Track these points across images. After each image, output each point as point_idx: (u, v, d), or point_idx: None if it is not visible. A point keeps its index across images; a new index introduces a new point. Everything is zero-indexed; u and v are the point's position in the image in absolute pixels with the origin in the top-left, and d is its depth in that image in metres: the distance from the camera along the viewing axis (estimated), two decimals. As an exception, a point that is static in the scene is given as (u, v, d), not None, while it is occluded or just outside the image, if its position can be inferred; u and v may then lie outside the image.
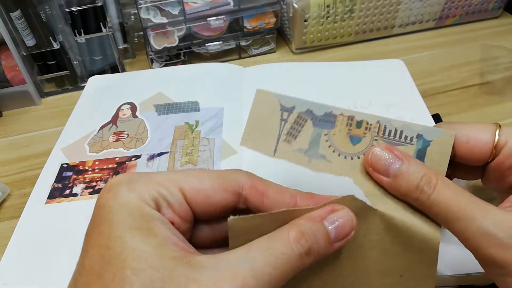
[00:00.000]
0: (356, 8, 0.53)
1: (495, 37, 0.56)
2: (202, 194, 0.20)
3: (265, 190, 0.22)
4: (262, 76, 0.46)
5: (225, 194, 0.21)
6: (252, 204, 0.21)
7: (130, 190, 0.19)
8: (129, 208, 0.18)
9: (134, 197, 0.19)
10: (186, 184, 0.20)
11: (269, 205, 0.21)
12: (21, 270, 0.29)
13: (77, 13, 0.47)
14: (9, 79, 0.47)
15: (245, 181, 0.22)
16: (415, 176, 0.22)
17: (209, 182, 0.21)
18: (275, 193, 0.22)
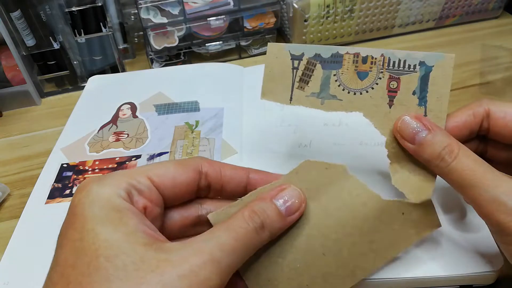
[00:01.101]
0: (356, 8, 0.53)
1: (495, 37, 0.56)
2: (168, 177, 0.22)
3: (221, 167, 0.24)
4: (262, 76, 0.46)
5: (188, 173, 0.23)
6: (212, 179, 0.24)
7: (100, 186, 0.20)
8: (101, 202, 0.20)
9: (104, 191, 0.20)
10: (152, 172, 0.22)
11: (226, 179, 0.24)
12: (21, 270, 0.29)
13: (77, 13, 0.47)
14: (9, 79, 0.47)
15: (203, 160, 0.24)
16: (439, 145, 0.24)
17: (172, 166, 0.23)
18: (229, 169, 0.25)
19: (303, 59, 0.28)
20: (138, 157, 0.37)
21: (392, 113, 0.26)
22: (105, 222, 0.19)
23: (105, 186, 0.20)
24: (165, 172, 0.23)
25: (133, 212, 0.20)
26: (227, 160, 0.36)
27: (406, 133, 0.25)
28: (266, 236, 0.22)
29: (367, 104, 0.27)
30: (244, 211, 0.21)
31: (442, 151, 0.23)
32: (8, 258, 0.30)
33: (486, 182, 0.22)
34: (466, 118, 0.26)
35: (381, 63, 0.26)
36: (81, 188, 0.21)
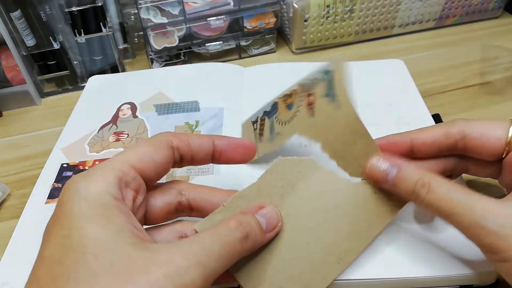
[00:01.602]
0: (356, 8, 0.53)
1: (495, 37, 0.56)
2: (148, 160, 0.23)
3: (188, 138, 0.25)
4: (262, 76, 0.46)
5: (163, 151, 0.24)
6: (183, 152, 0.25)
7: (88, 182, 0.20)
8: (89, 199, 0.20)
9: (93, 188, 0.20)
10: (133, 159, 0.23)
11: (195, 149, 0.25)
12: (21, 270, 0.29)
13: (77, 13, 0.47)
14: (9, 79, 0.47)
15: (171, 135, 0.25)
16: (410, 181, 0.24)
17: (149, 148, 0.24)
18: (196, 138, 0.26)
19: (258, 120, 0.35)
20: (138, 157, 0.37)
21: (317, 120, 0.28)
22: (94, 220, 0.19)
23: (93, 183, 0.20)
24: (144, 156, 0.23)
25: (121, 210, 0.20)
26: (227, 160, 0.36)
27: (378, 176, 0.26)
28: (249, 246, 0.22)
29: (297, 124, 0.29)
30: (230, 221, 0.22)
31: (415, 187, 0.24)
32: (8, 258, 0.30)
33: (462, 208, 0.22)
34: (436, 138, 0.27)
35: (300, 89, 0.30)
36: (69, 184, 0.21)
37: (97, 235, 0.19)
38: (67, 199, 0.20)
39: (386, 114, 0.39)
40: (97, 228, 0.19)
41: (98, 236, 0.19)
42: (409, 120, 0.38)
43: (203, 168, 0.35)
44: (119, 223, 0.19)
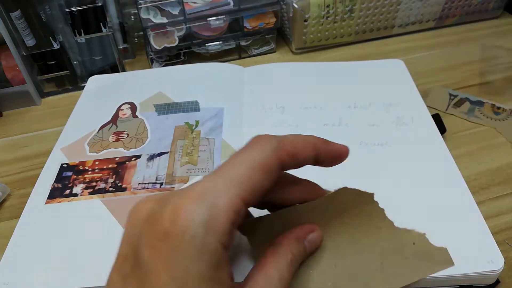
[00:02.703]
0: (356, 8, 0.53)
1: (495, 37, 0.56)
2: (258, 189, 0.20)
3: (294, 150, 0.23)
4: (262, 76, 0.46)
5: (272, 176, 0.21)
6: (287, 164, 0.22)
7: (206, 232, 0.18)
8: (205, 255, 0.18)
9: (209, 241, 0.18)
10: (247, 190, 0.20)
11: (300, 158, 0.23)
12: (21, 270, 0.29)
13: (77, 13, 0.47)
14: (9, 79, 0.47)
15: (278, 150, 0.22)
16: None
17: (260, 175, 0.20)
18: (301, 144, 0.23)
19: None
20: (138, 157, 0.37)
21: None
22: (208, 283, 0.18)
23: (210, 234, 0.18)
24: (255, 186, 0.20)
25: (227, 264, 0.19)
26: (227, 160, 0.36)
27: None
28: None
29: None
30: (287, 254, 0.23)
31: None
32: (8, 258, 0.30)
33: None
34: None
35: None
36: (185, 225, 0.18)
37: None
38: (179, 243, 0.17)
39: (386, 114, 0.39)
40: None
41: None
42: (409, 120, 0.38)
43: (203, 168, 0.35)
44: (227, 283, 0.19)
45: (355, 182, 0.32)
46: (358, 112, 0.39)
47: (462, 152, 0.38)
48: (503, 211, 0.33)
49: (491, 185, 0.35)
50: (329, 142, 0.24)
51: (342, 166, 0.34)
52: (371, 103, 0.40)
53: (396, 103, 0.40)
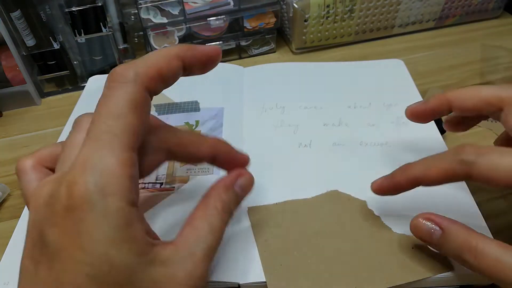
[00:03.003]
0: (356, 8, 0.53)
1: (495, 37, 0.56)
2: (137, 133, 0.20)
3: (157, 71, 0.21)
4: (262, 76, 0.46)
5: (141, 110, 0.20)
6: (161, 88, 0.22)
7: (103, 195, 0.17)
8: (109, 219, 0.17)
9: (110, 203, 0.18)
10: (127, 141, 0.19)
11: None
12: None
13: (77, 13, 0.47)
14: (9, 79, 0.47)
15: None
16: (455, 245, 0.23)
17: (130, 118, 0.19)
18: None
19: None
20: (138, 157, 0.37)
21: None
22: (117, 244, 0.17)
23: (109, 196, 0.18)
24: (132, 129, 0.19)
25: (138, 219, 0.19)
26: (227, 160, 0.36)
27: (423, 235, 0.25)
28: (229, 222, 0.24)
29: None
30: (216, 203, 0.23)
31: (461, 251, 0.23)
32: (8, 258, 0.30)
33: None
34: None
35: None
36: (80, 196, 0.17)
37: (123, 261, 0.18)
38: (80, 213, 0.17)
39: (386, 114, 0.39)
40: (123, 253, 0.18)
41: (124, 263, 0.18)
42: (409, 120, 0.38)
43: (204, 168, 0.35)
44: (140, 240, 0.18)
45: (355, 182, 0.33)
46: (358, 112, 0.39)
47: (462, 152, 0.38)
48: (503, 211, 0.33)
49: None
50: (195, 46, 0.22)
51: (342, 167, 0.34)
52: (371, 103, 0.40)
53: (396, 103, 0.40)
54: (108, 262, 0.17)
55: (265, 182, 0.33)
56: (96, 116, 0.19)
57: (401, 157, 0.35)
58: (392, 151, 0.35)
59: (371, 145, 0.36)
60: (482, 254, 0.22)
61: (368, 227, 0.29)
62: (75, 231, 0.17)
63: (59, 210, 0.18)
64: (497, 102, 0.26)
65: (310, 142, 0.36)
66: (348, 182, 0.33)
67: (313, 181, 0.33)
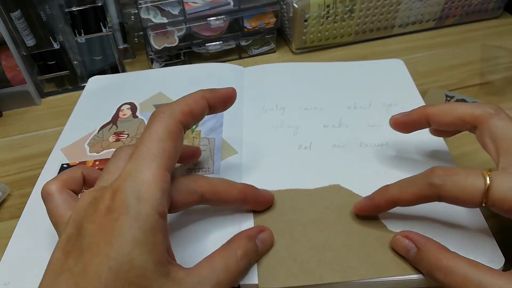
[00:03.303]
0: (356, 8, 0.53)
1: (495, 37, 0.56)
2: (171, 157, 0.23)
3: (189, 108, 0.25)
4: (262, 76, 0.46)
5: (175, 139, 0.24)
6: (192, 123, 0.26)
7: (139, 201, 0.20)
8: (139, 222, 0.20)
9: (143, 208, 0.20)
10: (162, 161, 0.23)
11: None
12: (21, 270, 0.29)
13: (77, 13, 0.47)
14: (9, 79, 0.47)
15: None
16: (428, 264, 0.25)
17: (167, 144, 0.24)
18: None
19: None
20: (138, 157, 0.37)
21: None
22: (141, 246, 0.20)
23: (143, 202, 0.20)
24: (167, 152, 0.23)
25: (163, 231, 0.21)
26: (227, 159, 0.36)
27: (401, 251, 0.27)
28: (247, 270, 0.26)
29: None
30: (237, 249, 0.25)
31: (432, 269, 0.24)
32: (8, 258, 0.30)
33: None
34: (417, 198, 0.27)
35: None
36: (120, 198, 0.20)
37: (142, 265, 0.19)
38: (117, 215, 0.20)
39: (386, 114, 0.39)
40: (144, 257, 0.19)
41: (143, 267, 0.19)
42: (409, 120, 0.38)
43: (204, 167, 0.35)
44: (160, 251, 0.20)
45: (356, 181, 0.33)
46: (358, 113, 0.39)
47: (462, 152, 0.38)
48: (503, 211, 0.33)
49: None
50: (215, 90, 0.28)
51: (342, 168, 0.34)
52: (371, 103, 0.40)
53: (396, 104, 0.40)
54: (129, 261, 0.19)
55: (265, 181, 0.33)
56: (139, 142, 0.23)
57: (401, 158, 0.35)
58: (392, 151, 0.35)
59: (371, 146, 0.36)
60: (451, 272, 0.23)
61: (363, 222, 0.29)
62: (109, 228, 0.20)
63: (101, 210, 0.20)
64: (471, 120, 0.27)
65: (310, 144, 0.36)
66: (348, 181, 0.33)
67: (314, 180, 0.33)
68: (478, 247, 0.27)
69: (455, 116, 0.28)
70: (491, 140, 0.26)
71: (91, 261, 0.19)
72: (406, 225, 0.29)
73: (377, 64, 0.46)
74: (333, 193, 0.32)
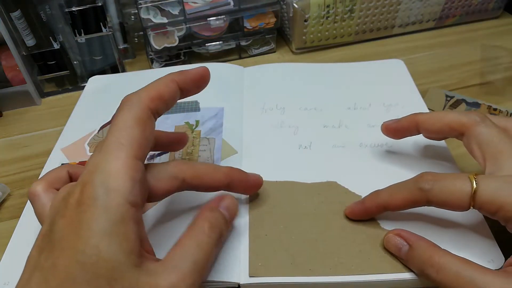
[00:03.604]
0: (356, 8, 0.53)
1: (495, 37, 0.56)
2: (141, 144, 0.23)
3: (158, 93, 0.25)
4: (262, 76, 0.46)
5: (145, 126, 0.23)
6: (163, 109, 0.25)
7: (108, 191, 0.20)
8: (108, 213, 0.19)
9: (112, 199, 0.20)
10: (131, 150, 0.22)
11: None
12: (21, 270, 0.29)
13: (77, 13, 0.47)
14: (9, 79, 0.48)
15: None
16: (420, 261, 0.25)
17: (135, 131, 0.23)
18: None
19: None
20: (138, 157, 0.37)
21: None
22: (111, 238, 0.19)
23: (112, 192, 0.20)
24: (137, 140, 0.23)
25: (135, 220, 0.20)
26: (227, 160, 0.36)
27: (392, 249, 0.27)
28: (220, 242, 0.25)
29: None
30: (203, 223, 0.24)
31: (424, 266, 0.24)
32: (8, 258, 0.30)
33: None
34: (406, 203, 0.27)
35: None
36: (88, 189, 0.20)
37: (112, 256, 0.19)
38: (86, 207, 0.20)
39: (386, 114, 0.39)
40: (113, 248, 0.19)
41: (112, 258, 0.19)
42: (409, 120, 0.38)
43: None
44: (132, 241, 0.20)
45: (354, 181, 0.33)
46: (358, 113, 0.39)
47: (462, 152, 0.38)
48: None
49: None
50: (185, 71, 0.26)
51: (343, 167, 0.34)
52: (371, 103, 0.40)
53: (396, 104, 0.40)
54: (97, 253, 0.19)
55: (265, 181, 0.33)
56: (107, 132, 0.22)
57: (401, 158, 0.35)
58: (392, 152, 0.35)
59: (371, 146, 0.36)
60: (443, 269, 0.24)
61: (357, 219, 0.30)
62: (77, 222, 0.19)
63: (71, 204, 0.20)
64: (459, 127, 0.28)
65: (310, 144, 0.36)
66: (346, 180, 0.33)
67: (313, 179, 0.33)
68: (478, 247, 0.27)
69: (443, 124, 0.29)
70: (477, 146, 0.27)
71: (60, 256, 0.19)
72: (402, 225, 0.29)
73: (377, 64, 0.46)
74: (330, 189, 0.32)
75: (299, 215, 0.30)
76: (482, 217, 0.29)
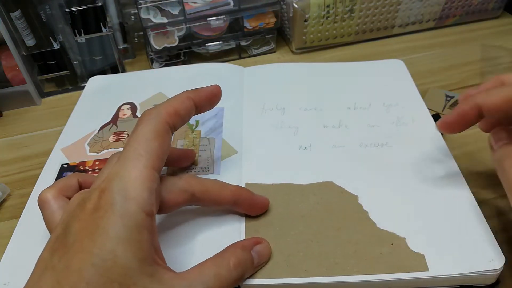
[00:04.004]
0: (356, 8, 0.53)
1: (495, 37, 0.56)
2: (158, 156, 0.24)
3: (174, 109, 0.26)
4: (262, 76, 0.46)
5: (162, 139, 0.24)
6: (179, 124, 0.26)
7: (126, 199, 0.21)
8: (125, 220, 0.20)
9: (129, 207, 0.20)
10: (149, 161, 0.23)
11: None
12: (21, 270, 0.29)
13: (77, 13, 0.47)
14: (9, 79, 0.47)
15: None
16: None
17: (154, 143, 0.24)
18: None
19: None
20: (138, 157, 0.37)
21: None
22: (126, 244, 0.20)
23: (130, 200, 0.21)
24: (155, 152, 0.24)
25: (150, 230, 0.21)
26: (227, 159, 0.36)
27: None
28: (240, 281, 0.25)
29: None
30: (230, 258, 0.24)
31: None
32: (8, 258, 0.30)
33: None
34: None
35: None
36: (107, 195, 0.21)
37: (126, 263, 0.19)
38: (103, 213, 0.20)
39: (386, 114, 0.39)
40: (127, 254, 0.19)
41: (126, 265, 0.19)
42: (409, 121, 0.38)
43: (204, 167, 0.35)
44: (146, 249, 0.20)
45: (352, 181, 0.33)
46: (358, 113, 0.39)
47: (462, 152, 0.38)
48: (503, 210, 0.33)
49: (492, 185, 0.35)
50: (199, 89, 0.28)
51: (342, 167, 0.34)
52: (371, 103, 0.40)
53: (396, 104, 0.40)
54: (113, 258, 0.19)
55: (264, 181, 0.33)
56: (126, 143, 0.24)
57: (402, 158, 0.35)
58: (392, 151, 0.35)
59: (371, 146, 0.36)
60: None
61: (353, 219, 0.30)
62: (94, 226, 0.20)
63: (88, 209, 0.21)
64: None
65: (310, 144, 0.36)
66: (344, 180, 0.33)
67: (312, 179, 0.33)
68: (478, 246, 0.27)
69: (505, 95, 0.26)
70: None
71: (74, 257, 0.19)
72: (401, 225, 0.29)
73: (377, 64, 0.46)
74: (325, 190, 0.32)
75: (294, 217, 0.30)
76: (482, 217, 0.29)
